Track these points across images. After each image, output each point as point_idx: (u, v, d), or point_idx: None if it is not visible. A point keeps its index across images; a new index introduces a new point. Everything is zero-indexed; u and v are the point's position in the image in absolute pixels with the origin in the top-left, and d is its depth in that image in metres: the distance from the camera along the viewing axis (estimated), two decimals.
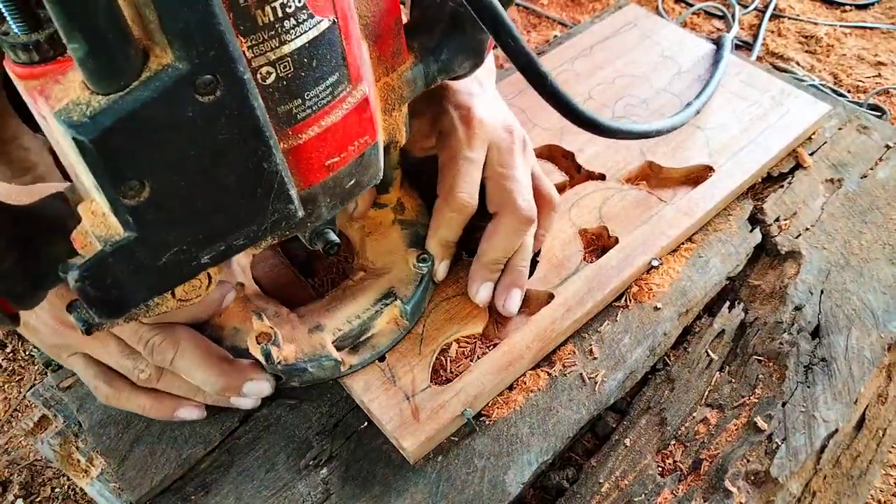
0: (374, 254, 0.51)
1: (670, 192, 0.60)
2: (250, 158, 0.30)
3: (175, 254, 0.31)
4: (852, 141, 0.67)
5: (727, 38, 0.73)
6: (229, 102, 0.27)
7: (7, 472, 0.84)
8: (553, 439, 0.46)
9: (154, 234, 0.29)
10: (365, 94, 0.35)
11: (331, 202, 0.37)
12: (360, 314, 0.47)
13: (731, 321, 0.53)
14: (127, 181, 0.27)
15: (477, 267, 0.50)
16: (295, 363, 0.45)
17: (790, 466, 0.45)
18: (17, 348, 0.95)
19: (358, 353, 0.47)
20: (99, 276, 0.30)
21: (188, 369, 0.44)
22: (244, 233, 0.33)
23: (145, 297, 0.33)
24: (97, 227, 0.29)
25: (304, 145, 0.33)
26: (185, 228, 0.30)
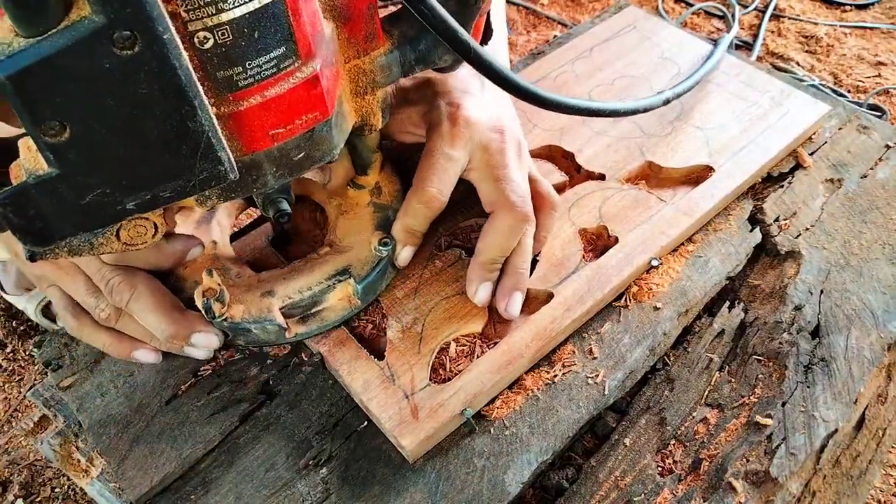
0: (342, 232, 0.52)
1: (670, 192, 0.60)
2: (172, 116, 0.31)
3: (98, 195, 0.32)
4: (852, 141, 0.67)
5: (725, 38, 0.73)
6: (148, 59, 0.28)
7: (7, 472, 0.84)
8: (553, 439, 0.46)
9: (76, 174, 0.31)
10: (315, 70, 0.35)
11: (277, 171, 0.38)
12: (313, 286, 0.48)
13: (730, 321, 0.53)
14: (46, 121, 0.28)
15: (474, 267, 0.50)
16: (240, 322, 0.46)
17: (790, 466, 0.45)
18: (17, 348, 0.95)
19: (305, 324, 0.49)
20: (21, 206, 0.32)
21: (141, 312, 0.46)
22: (171, 186, 0.34)
23: (70, 232, 0.34)
24: (28, 160, 0.31)
25: (246, 112, 0.34)
26: (107, 173, 0.32)
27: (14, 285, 0.94)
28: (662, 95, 0.60)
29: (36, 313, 0.92)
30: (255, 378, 0.50)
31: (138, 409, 0.48)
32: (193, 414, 0.48)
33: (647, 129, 0.65)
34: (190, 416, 0.48)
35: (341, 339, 0.49)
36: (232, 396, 0.49)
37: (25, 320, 0.97)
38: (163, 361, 0.51)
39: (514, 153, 0.52)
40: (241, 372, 0.50)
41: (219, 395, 0.49)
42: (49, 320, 0.93)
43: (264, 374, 0.50)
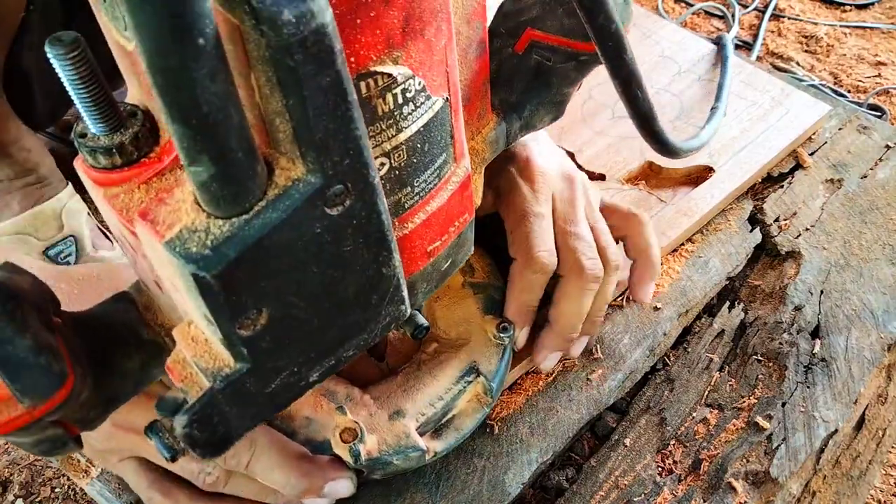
0: (446, 322, 0.46)
1: (670, 192, 0.60)
2: (371, 266, 0.26)
3: (285, 377, 0.27)
4: (852, 141, 0.67)
5: (727, 38, 0.73)
6: (358, 211, 0.24)
7: (7, 472, 0.84)
8: (553, 439, 0.45)
9: (267, 362, 0.26)
10: (468, 170, 0.32)
11: (427, 288, 0.34)
12: (443, 395, 0.42)
13: (730, 321, 0.53)
14: (246, 312, 0.23)
15: (550, 335, 0.46)
16: (379, 456, 0.40)
17: (790, 466, 0.45)
18: None
19: (442, 439, 0.43)
20: (207, 417, 0.26)
21: (266, 471, 0.40)
22: (356, 342, 0.29)
23: (249, 426, 0.28)
24: (200, 357, 0.25)
25: (409, 235, 0.30)
26: (298, 350, 0.27)
27: None
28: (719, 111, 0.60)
29: None
30: None
31: None
32: None
33: None
34: None
35: None
36: None
37: None
38: None
39: (582, 202, 0.49)
40: None
41: None
42: None
43: None
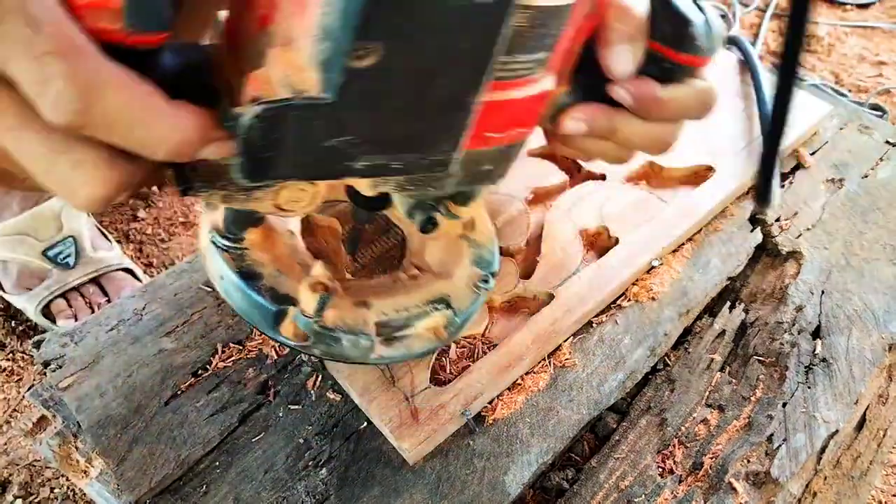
0: (434, 257, 0.48)
1: (671, 191, 0.60)
2: (463, 81, 0.28)
3: (344, 142, 0.29)
4: (853, 141, 0.66)
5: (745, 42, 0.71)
6: (491, 11, 0.26)
7: (6, 472, 0.84)
8: (553, 440, 0.45)
9: (347, 108, 0.27)
10: (551, 86, 0.33)
11: (463, 177, 0.35)
12: (409, 308, 0.44)
13: (731, 321, 0.53)
14: (366, 39, 0.25)
15: None
16: (332, 328, 0.41)
17: (791, 467, 0.45)
18: (17, 348, 0.95)
19: (391, 347, 0.43)
20: (271, 126, 0.27)
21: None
22: (406, 158, 0.31)
23: (287, 173, 0.30)
24: (292, 75, 0.26)
25: (486, 105, 0.31)
26: (370, 120, 0.28)
27: (13, 284, 0.94)
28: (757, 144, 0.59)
29: (35, 313, 0.92)
30: (254, 378, 0.49)
31: (137, 409, 0.48)
32: (193, 414, 0.48)
33: None
34: (189, 416, 0.47)
35: None
36: (231, 397, 0.48)
37: (24, 320, 0.97)
38: (163, 361, 0.51)
39: None
40: (240, 372, 0.50)
41: (218, 395, 0.49)
42: (48, 320, 0.93)
43: (264, 375, 0.50)
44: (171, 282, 0.56)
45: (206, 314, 0.54)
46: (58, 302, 0.93)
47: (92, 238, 0.97)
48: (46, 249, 0.93)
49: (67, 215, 0.95)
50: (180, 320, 0.54)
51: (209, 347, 0.52)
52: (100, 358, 0.51)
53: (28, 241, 0.92)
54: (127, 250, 1.05)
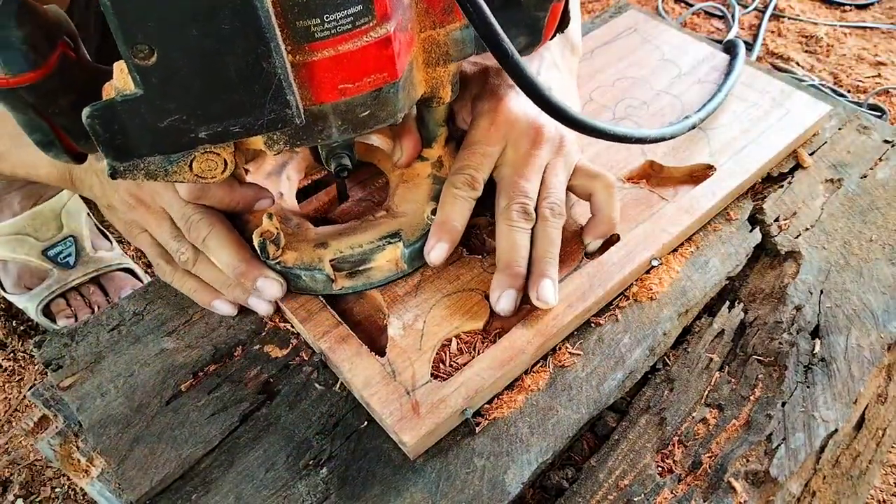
0: (400, 199, 0.54)
1: (671, 191, 0.60)
2: (250, 55, 0.33)
3: (175, 121, 0.35)
4: (852, 141, 0.67)
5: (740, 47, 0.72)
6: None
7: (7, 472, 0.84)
8: (553, 439, 0.46)
9: (157, 97, 0.34)
10: (388, 32, 0.37)
11: (342, 125, 0.40)
12: (364, 244, 0.50)
13: (730, 321, 0.53)
14: (137, 43, 0.32)
15: (496, 274, 0.50)
16: (291, 267, 0.49)
17: (790, 466, 0.45)
18: (17, 348, 0.95)
19: (352, 279, 0.51)
20: (107, 120, 0.35)
21: (216, 248, 0.50)
22: (241, 121, 0.36)
23: (147, 151, 0.38)
24: (119, 80, 0.35)
25: (318, 63, 0.36)
26: (184, 100, 0.35)
27: (14, 284, 0.94)
28: (689, 121, 0.61)
29: (36, 313, 0.92)
30: (255, 378, 0.50)
31: (138, 409, 0.48)
32: (193, 414, 0.48)
33: (649, 129, 0.65)
34: (190, 416, 0.48)
35: (343, 335, 0.49)
36: (232, 396, 0.49)
37: (25, 320, 0.97)
38: (164, 361, 0.51)
39: (548, 153, 0.53)
40: (241, 372, 0.50)
41: (219, 395, 0.49)
42: (49, 320, 0.93)
43: (264, 374, 0.50)
44: None
45: (206, 314, 0.54)
46: (58, 301, 0.93)
47: (92, 238, 0.97)
48: (47, 249, 0.93)
49: (67, 215, 0.95)
50: (181, 320, 0.54)
51: (210, 347, 0.52)
52: (101, 358, 0.51)
53: (28, 240, 0.92)
54: (128, 250, 1.05)
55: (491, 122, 0.53)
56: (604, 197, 0.53)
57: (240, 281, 0.50)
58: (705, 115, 0.63)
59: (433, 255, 0.50)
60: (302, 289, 0.51)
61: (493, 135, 0.52)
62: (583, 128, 0.46)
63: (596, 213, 0.54)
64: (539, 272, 0.50)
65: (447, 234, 0.50)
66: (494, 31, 0.39)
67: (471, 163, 0.52)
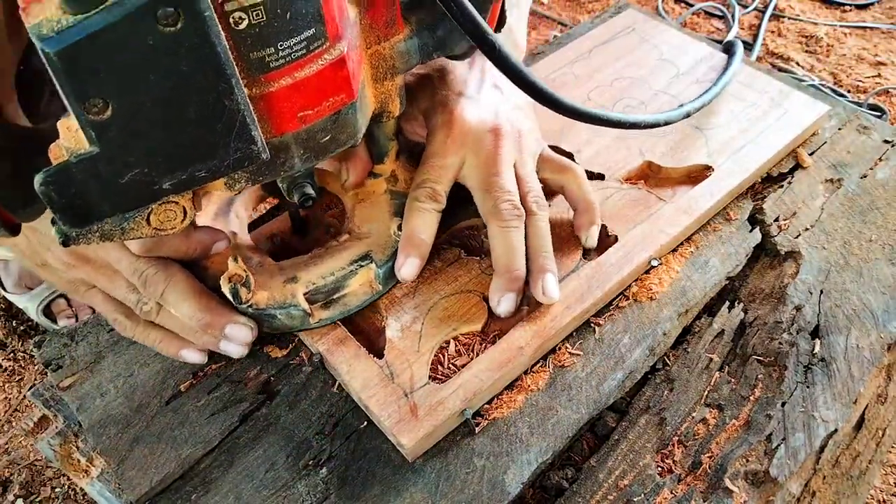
0: (360, 219, 0.53)
1: (669, 191, 0.60)
2: (210, 93, 0.31)
3: (137, 175, 0.33)
4: (852, 141, 0.67)
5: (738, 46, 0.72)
6: (191, 36, 0.29)
7: (7, 472, 0.84)
8: (552, 439, 0.46)
9: (116, 152, 0.32)
10: (342, 53, 0.36)
11: (304, 154, 0.39)
12: (335, 272, 0.49)
13: (730, 321, 0.53)
14: (90, 98, 0.29)
15: (495, 278, 0.50)
16: (265, 308, 0.47)
17: (790, 466, 0.45)
18: (17, 348, 0.95)
19: (329, 309, 0.49)
20: (63, 184, 0.32)
21: (176, 302, 0.46)
22: (206, 165, 0.34)
23: (108, 212, 0.35)
24: (69, 140, 0.32)
25: (276, 94, 0.35)
26: (146, 151, 0.32)
27: (14, 284, 0.94)
28: (683, 109, 0.61)
29: (36, 313, 0.92)
30: (255, 378, 0.50)
31: (138, 409, 0.48)
32: (193, 414, 0.48)
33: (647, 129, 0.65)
34: (190, 416, 0.48)
35: (341, 338, 0.49)
36: (232, 396, 0.49)
37: (26, 320, 0.97)
38: (164, 361, 0.51)
39: (511, 149, 0.53)
40: (240, 372, 0.50)
41: (219, 395, 0.49)
42: (49, 320, 0.93)
43: (264, 374, 0.50)
44: None
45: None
46: (58, 301, 0.93)
47: None
48: None
49: None
50: None
51: None
52: (101, 358, 0.51)
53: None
54: None
55: (446, 134, 0.52)
56: (575, 186, 0.54)
57: (206, 331, 0.47)
58: (700, 105, 0.63)
59: (404, 272, 0.50)
60: (277, 328, 0.49)
61: (450, 146, 0.52)
62: (578, 115, 0.46)
63: (575, 203, 0.54)
64: (539, 268, 0.50)
65: (415, 248, 0.50)
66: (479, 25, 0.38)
67: (430, 176, 0.51)
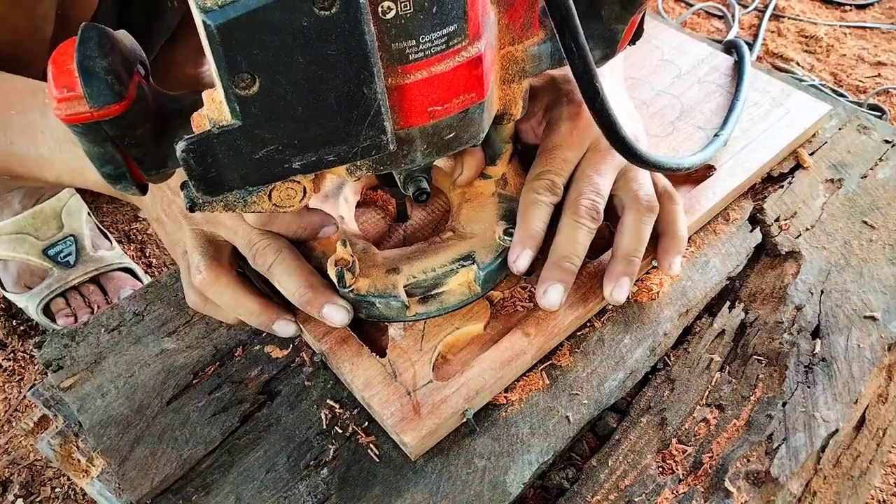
0: (466, 219, 0.53)
1: None
2: (352, 80, 0.32)
3: (271, 151, 0.34)
4: (852, 141, 0.67)
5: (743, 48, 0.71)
6: (342, 22, 0.30)
7: (7, 472, 0.84)
8: (553, 439, 0.46)
9: (256, 127, 0.33)
10: (480, 52, 0.36)
11: (427, 149, 0.39)
12: (437, 268, 0.49)
13: (731, 321, 0.53)
14: (241, 72, 0.31)
15: (546, 266, 0.50)
16: (366, 295, 0.48)
17: (790, 466, 0.45)
18: (17, 348, 0.95)
19: (426, 304, 0.49)
20: (202, 153, 0.34)
21: (282, 276, 0.48)
22: (336, 150, 0.35)
23: (238, 184, 0.36)
24: (213, 111, 0.33)
25: (410, 86, 0.35)
26: (283, 129, 0.34)
27: (14, 283, 0.94)
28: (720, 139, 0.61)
29: (36, 312, 0.92)
30: (255, 379, 0.50)
31: (139, 409, 0.48)
32: (194, 415, 0.48)
33: (649, 129, 0.65)
34: (190, 416, 0.48)
35: (343, 336, 0.49)
36: (232, 397, 0.49)
37: (26, 320, 0.97)
38: (164, 361, 0.51)
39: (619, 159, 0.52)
40: (241, 372, 0.50)
41: (219, 395, 0.49)
42: (49, 319, 0.93)
43: (265, 375, 0.50)
44: (173, 282, 0.56)
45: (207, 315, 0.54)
46: (57, 301, 0.93)
47: (92, 237, 0.97)
48: (47, 248, 0.93)
49: (68, 214, 0.95)
50: (182, 321, 0.54)
51: (210, 347, 0.52)
52: (101, 358, 0.51)
53: (29, 239, 0.92)
54: (128, 250, 1.05)
55: (573, 126, 0.52)
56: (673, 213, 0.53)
57: (305, 308, 0.48)
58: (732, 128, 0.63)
59: (520, 264, 0.49)
60: (375, 316, 0.49)
61: (575, 139, 0.51)
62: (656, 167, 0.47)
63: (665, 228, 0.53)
64: (622, 271, 0.50)
65: (531, 240, 0.49)
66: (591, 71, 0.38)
67: (552, 168, 0.51)
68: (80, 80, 0.32)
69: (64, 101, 0.32)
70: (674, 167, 0.49)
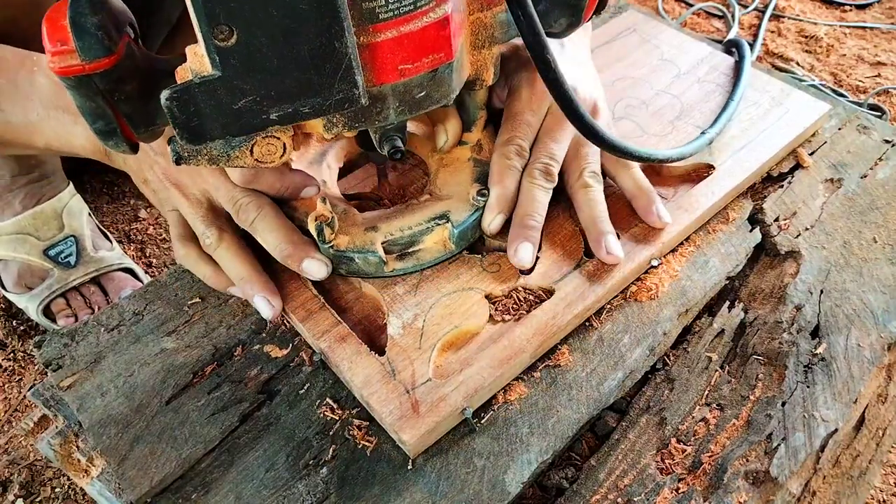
0: (443, 182, 0.56)
1: (671, 189, 0.60)
2: (324, 34, 0.35)
3: (249, 102, 0.37)
4: (852, 141, 0.67)
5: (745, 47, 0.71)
6: None
7: (7, 472, 0.84)
8: (553, 439, 0.46)
9: (235, 78, 0.36)
10: (446, 13, 0.38)
11: (399, 106, 0.41)
12: (413, 226, 0.52)
13: (730, 321, 0.53)
14: (219, 24, 0.33)
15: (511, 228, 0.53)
16: (345, 250, 0.51)
17: (790, 466, 0.45)
18: (17, 348, 0.95)
19: (403, 261, 0.52)
20: (184, 101, 0.36)
21: (264, 231, 0.50)
22: (311, 102, 0.38)
23: (220, 133, 0.39)
24: (195, 63, 0.36)
25: (381, 44, 0.38)
26: (261, 80, 0.36)
27: (14, 283, 0.94)
28: (706, 137, 0.61)
29: (36, 312, 0.92)
30: (255, 378, 0.50)
31: (138, 409, 0.48)
32: (194, 414, 0.48)
33: (648, 128, 0.65)
34: (190, 415, 0.48)
35: (342, 335, 0.49)
36: (232, 396, 0.49)
37: (25, 320, 0.97)
38: (164, 361, 0.51)
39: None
40: (241, 372, 0.50)
41: (219, 394, 0.49)
42: (49, 319, 0.93)
43: (264, 374, 0.50)
44: (172, 282, 0.56)
45: (206, 314, 0.54)
46: (58, 301, 0.93)
47: (93, 238, 0.97)
48: (47, 249, 0.93)
49: (69, 215, 0.95)
50: (181, 320, 0.54)
51: (210, 347, 0.52)
52: (101, 358, 0.51)
53: (29, 240, 0.92)
54: (128, 250, 1.05)
55: (531, 92, 0.54)
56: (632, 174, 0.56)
57: (286, 262, 0.50)
58: (721, 127, 0.63)
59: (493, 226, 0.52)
60: (353, 272, 0.52)
61: (535, 104, 0.54)
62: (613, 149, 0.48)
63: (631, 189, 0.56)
64: (598, 231, 0.53)
65: (505, 203, 0.53)
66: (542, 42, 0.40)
67: (518, 133, 0.54)
68: (72, 34, 0.34)
69: (57, 55, 0.35)
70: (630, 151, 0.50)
